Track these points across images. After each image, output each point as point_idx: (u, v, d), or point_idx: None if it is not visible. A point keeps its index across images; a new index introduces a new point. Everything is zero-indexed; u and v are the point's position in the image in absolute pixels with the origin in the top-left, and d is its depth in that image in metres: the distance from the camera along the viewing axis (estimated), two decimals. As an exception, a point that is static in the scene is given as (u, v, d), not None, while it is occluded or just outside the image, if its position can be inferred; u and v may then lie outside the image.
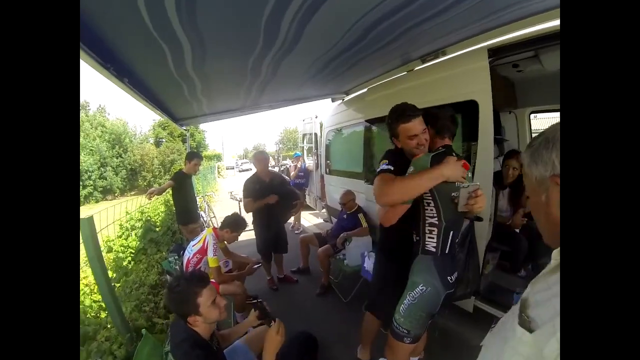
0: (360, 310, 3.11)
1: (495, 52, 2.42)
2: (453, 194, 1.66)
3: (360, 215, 3.85)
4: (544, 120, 5.30)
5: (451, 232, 1.71)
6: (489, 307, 2.61)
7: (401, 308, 1.72)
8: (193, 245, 2.97)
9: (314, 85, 3.64)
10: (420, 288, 1.68)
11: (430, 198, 1.69)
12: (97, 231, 2.15)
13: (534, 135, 4.96)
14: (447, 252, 1.71)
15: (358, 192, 4.08)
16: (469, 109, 2.53)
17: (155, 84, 2.51)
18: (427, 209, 1.72)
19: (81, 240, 2.05)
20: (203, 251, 2.87)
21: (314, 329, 1.98)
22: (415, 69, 3.21)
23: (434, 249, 1.71)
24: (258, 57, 2.18)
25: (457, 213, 1.69)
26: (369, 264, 3.01)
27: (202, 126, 34.61)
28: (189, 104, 3.26)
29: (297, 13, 1.63)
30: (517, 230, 3.14)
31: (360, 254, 3.29)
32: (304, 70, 2.78)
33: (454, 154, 1.74)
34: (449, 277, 1.70)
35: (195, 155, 4.22)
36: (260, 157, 3.78)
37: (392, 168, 1.79)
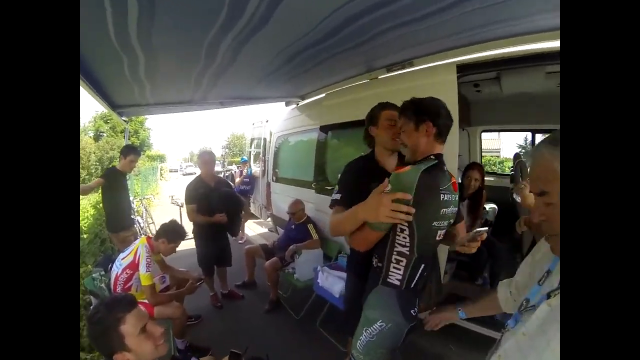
0: (314, 327, 2.92)
1: (462, 69, 2.43)
2: (434, 223, 1.35)
3: (310, 226, 3.63)
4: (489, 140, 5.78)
5: (422, 266, 1.40)
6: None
7: (358, 344, 1.46)
8: (122, 259, 2.46)
9: (271, 84, 3.38)
10: (379, 325, 1.40)
11: (406, 225, 1.32)
12: None
13: (483, 152, 5.36)
14: (412, 286, 1.41)
15: (307, 202, 3.84)
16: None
17: (89, 51, 2.06)
18: (398, 236, 1.37)
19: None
20: (134, 266, 2.38)
21: (265, 349, 1.69)
22: (379, 77, 3.11)
23: (398, 282, 1.39)
24: (217, 35, 1.87)
25: (434, 246, 1.45)
26: (322, 280, 2.79)
27: (147, 124, 32.56)
28: (130, 86, 2.80)
29: None
30: None
31: (313, 268, 3.04)
32: (266, 61, 2.51)
33: (445, 169, 1.41)
34: (412, 311, 1.43)
35: (131, 151, 3.66)
36: (207, 159, 3.39)
37: (339, 197, 1.63)
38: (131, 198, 5.33)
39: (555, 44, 2.10)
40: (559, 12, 1.79)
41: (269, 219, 5.86)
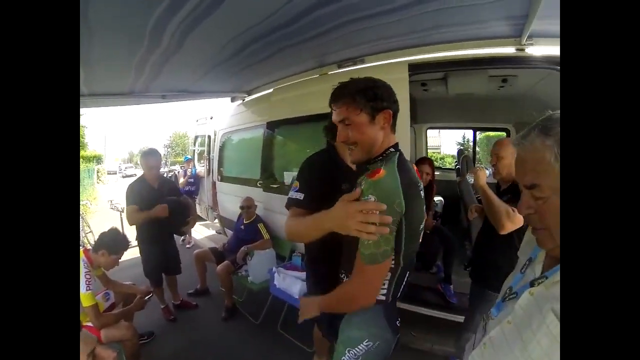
0: (275, 330, 2.80)
1: (413, 68, 2.53)
2: (420, 226, 1.17)
3: (261, 226, 3.50)
4: (430, 138, 6.19)
5: (407, 273, 1.22)
6: (409, 305, 2.70)
7: None
8: None
9: (218, 76, 3.16)
10: (365, 344, 1.19)
11: (392, 234, 1.07)
12: None
13: (429, 148, 5.66)
14: (397, 296, 1.24)
15: (256, 201, 3.70)
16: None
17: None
18: None
19: None
20: None
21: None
22: (330, 73, 3.07)
23: (383, 297, 1.18)
24: (163, 16, 1.67)
25: (416, 248, 1.22)
26: (279, 281, 2.68)
27: (81, 121, 29.32)
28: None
29: None
30: (429, 232, 3.24)
31: (267, 269, 2.93)
32: (214, 51, 2.34)
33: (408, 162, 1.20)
34: (397, 322, 1.27)
35: None
36: (151, 158, 3.01)
37: (301, 198, 1.44)
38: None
39: (500, 50, 2.31)
40: (504, 20, 1.88)
41: (216, 220, 5.61)
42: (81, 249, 2.21)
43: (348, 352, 1.20)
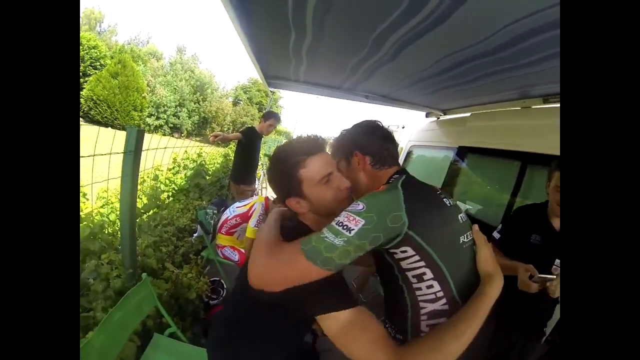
0: None
1: None
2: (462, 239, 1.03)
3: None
4: None
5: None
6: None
7: None
8: (237, 207, 2.70)
9: (420, 91, 3.23)
10: None
11: (423, 264, 0.94)
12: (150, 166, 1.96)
13: None
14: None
15: None
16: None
17: (263, 24, 2.24)
18: (419, 289, 0.98)
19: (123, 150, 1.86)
20: (246, 217, 2.60)
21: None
22: (533, 107, 2.76)
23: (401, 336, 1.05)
24: (389, 27, 1.83)
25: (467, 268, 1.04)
26: None
27: (280, 102, 35.21)
28: (288, 61, 2.98)
29: None
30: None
31: None
32: (426, 64, 2.39)
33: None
34: None
35: (272, 115, 3.95)
36: None
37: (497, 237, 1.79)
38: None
39: None
40: None
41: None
42: (264, 197, 2.72)
43: None
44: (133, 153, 1.81)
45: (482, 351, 1.79)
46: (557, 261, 1.67)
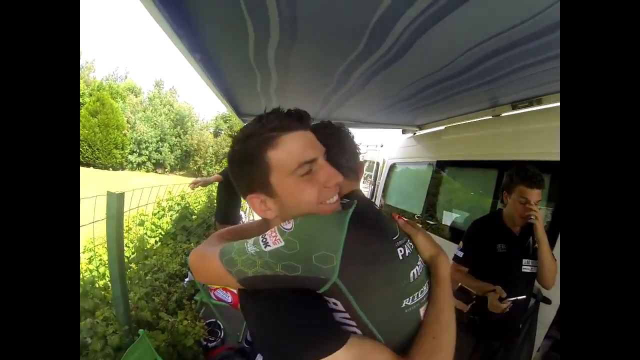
0: None
1: None
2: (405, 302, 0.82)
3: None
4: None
5: None
6: None
7: None
8: None
9: (393, 113, 3.33)
10: None
11: (355, 326, 0.77)
12: (135, 206, 1.98)
13: None
14: None
15: None
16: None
17: (228, 69, 2.29)
18: None
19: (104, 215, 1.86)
20: None
21: None
22: (503, 114, 2.87)
23: None
24: (352, 63, 1.89)
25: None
26: None
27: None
28: (258, 99, 3.03)
29: (416, 18, 1.31)
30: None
31: None
32: (393, 93, 2.47)
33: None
34: None
35: None
36: None
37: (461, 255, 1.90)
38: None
39: None
40: None
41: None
42: None
43: None
44: (115, 217, 1.83)
45: None
46: (525, 260, 1.81)
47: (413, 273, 0.82)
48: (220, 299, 3.13)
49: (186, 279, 3.50)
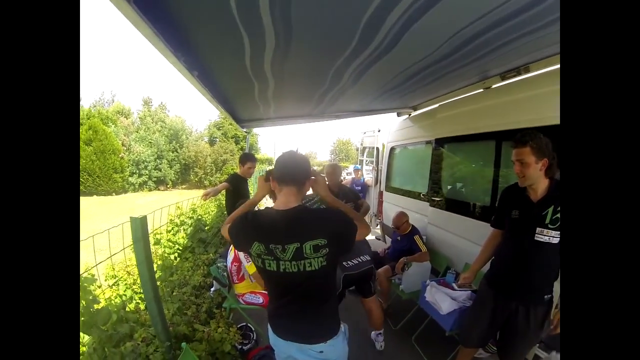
0: (408, 340, 2.90)
1: None
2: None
3: (417, 237, 3.55)
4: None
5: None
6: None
7: None
8: (229, 254, 2.82)
9: (387, 99, 3.40)
10: None
11: None
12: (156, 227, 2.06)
13: None
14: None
15: (421, 214, 3.86)
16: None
17: (225, 81, 2.38)
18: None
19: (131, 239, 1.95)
20: (237, 259, 2.70)
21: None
22: (493, 86, 2.93)
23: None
24: (345, 61, 1.98)
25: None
26: (430, 294, 2.70)
27: (255, 129, 35.38)
28: (256, 106, 3.12)
29: (405, 12, 1.38)
30: None
31: (421, 281, 2.96)
32: (386, 81, 2.55)
33: None
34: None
35: (248, 158, 4.00)
36: (329, 171, 3.40)
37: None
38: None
39: None
40: None
41: (378, 227, 5.95)
42: None
43: None
44: (142, 240, 1.90)
45: (489, 322, 2.00)
46: (539, 229, 1.79)
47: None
48: (250, 302, 3.19)
49: (212, 289, 3.58)
